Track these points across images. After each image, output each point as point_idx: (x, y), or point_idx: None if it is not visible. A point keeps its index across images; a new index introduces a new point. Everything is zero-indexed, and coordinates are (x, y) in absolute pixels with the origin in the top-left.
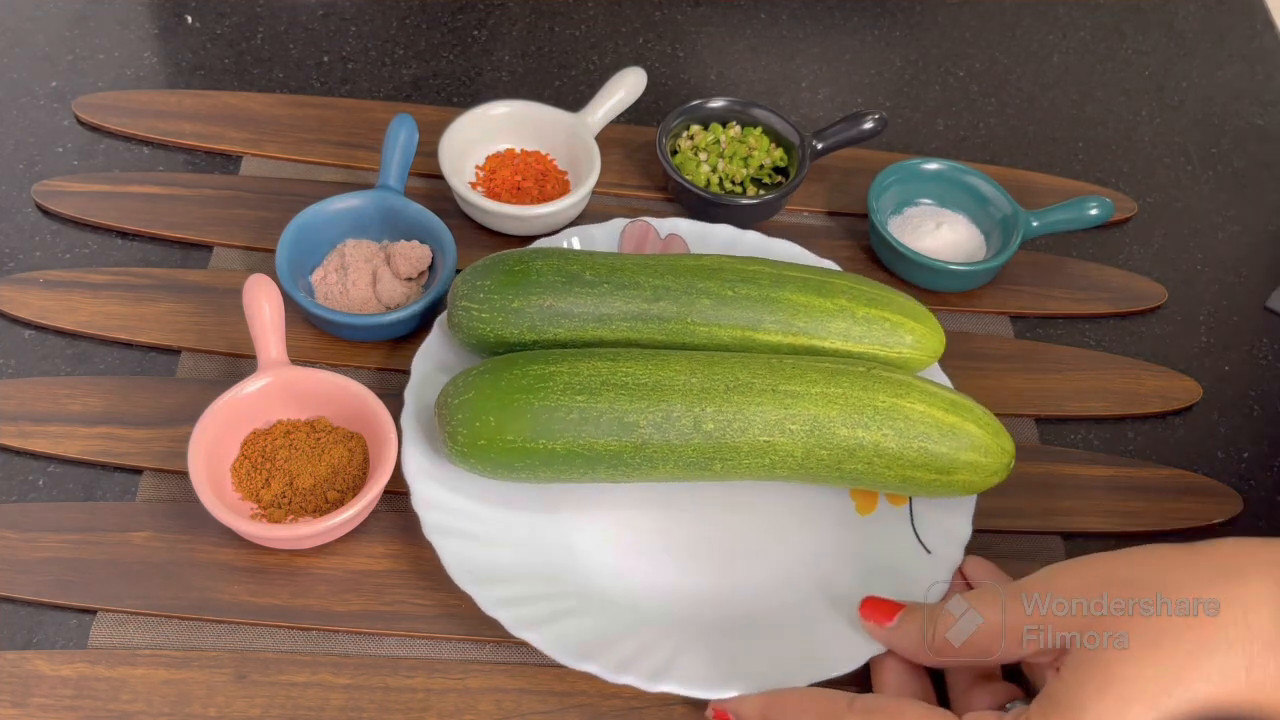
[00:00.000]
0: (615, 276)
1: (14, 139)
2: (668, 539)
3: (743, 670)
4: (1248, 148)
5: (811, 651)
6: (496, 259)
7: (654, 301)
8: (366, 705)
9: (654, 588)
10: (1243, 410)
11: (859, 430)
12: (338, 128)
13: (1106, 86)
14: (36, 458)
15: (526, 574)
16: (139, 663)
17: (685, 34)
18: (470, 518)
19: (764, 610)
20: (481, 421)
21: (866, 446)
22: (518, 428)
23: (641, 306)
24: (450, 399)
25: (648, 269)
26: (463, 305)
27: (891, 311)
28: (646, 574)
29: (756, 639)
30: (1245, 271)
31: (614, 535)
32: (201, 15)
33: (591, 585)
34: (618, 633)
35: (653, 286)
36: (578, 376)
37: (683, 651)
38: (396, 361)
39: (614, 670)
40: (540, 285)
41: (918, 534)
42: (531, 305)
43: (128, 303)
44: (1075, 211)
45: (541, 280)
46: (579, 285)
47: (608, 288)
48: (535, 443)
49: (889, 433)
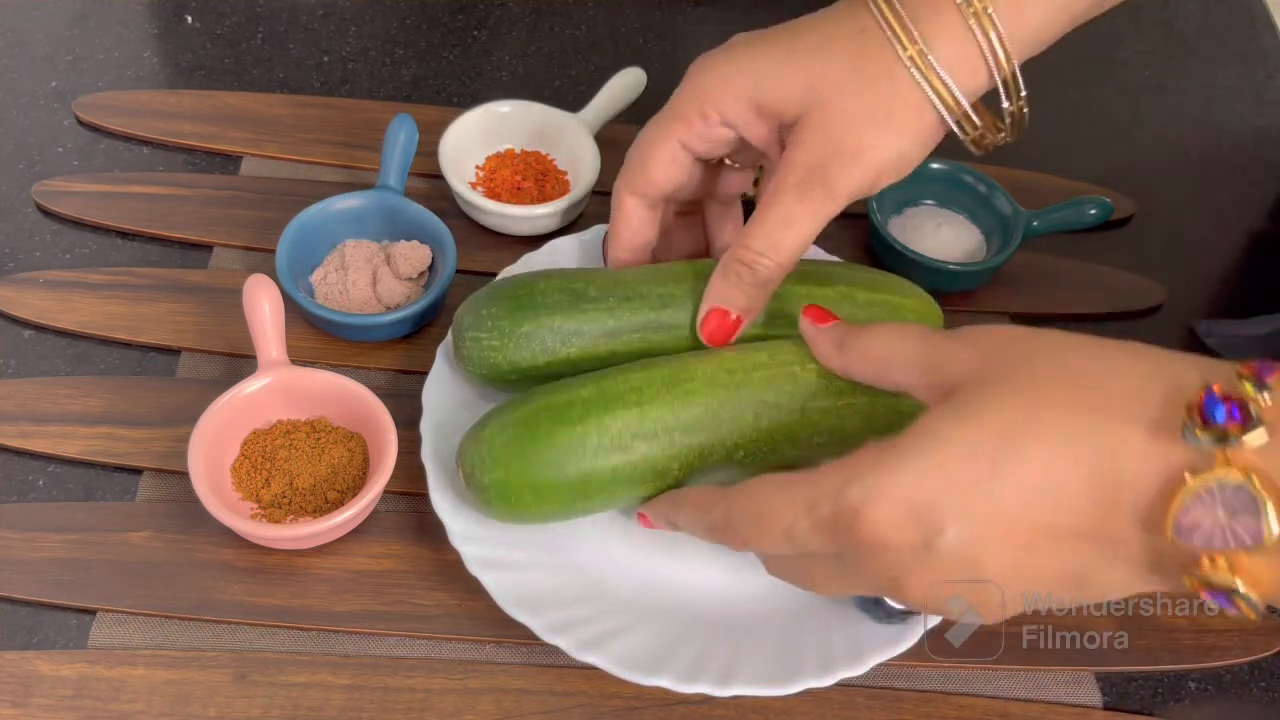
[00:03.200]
0: (619, 289)
1: (14, 139)
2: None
3: (804, 660)
4: (1248, 148)
5: (857, 636)
6: (496, 286)
7: (661, 309)
8: (366, 705)
9: (700, 591)
10: None
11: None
12: (338, 128)
13: (1106, 86)
14: (36, 458)
15: (575, 595)
16: (139, 663)
17: (685, 34)
18: (508, 546)
19: (809, 597)
20: (516, 498)
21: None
22: (554, 497)
23: (649, 316)
24: (478, 474)
25: (650, 278)
26: (471, 336)
27: (890, 293)
28: (690, 578)
29: (807, 627)
30: (1245, 272)
31: (649, 543)
32: (201, 15)
33: (639, 596)
34: (676, 642)
35: (658, 295)
36: (607, 435)
37: (744, 652)
38: (397, 362)
39: (685, 680)
40: (547, 306)
41: None
42: (541, 327)
43: (128, 303)
44: (1075, 211)
45: (548, 301)
46: (585, 302)
47: (613, 301)
48: (572, 506)
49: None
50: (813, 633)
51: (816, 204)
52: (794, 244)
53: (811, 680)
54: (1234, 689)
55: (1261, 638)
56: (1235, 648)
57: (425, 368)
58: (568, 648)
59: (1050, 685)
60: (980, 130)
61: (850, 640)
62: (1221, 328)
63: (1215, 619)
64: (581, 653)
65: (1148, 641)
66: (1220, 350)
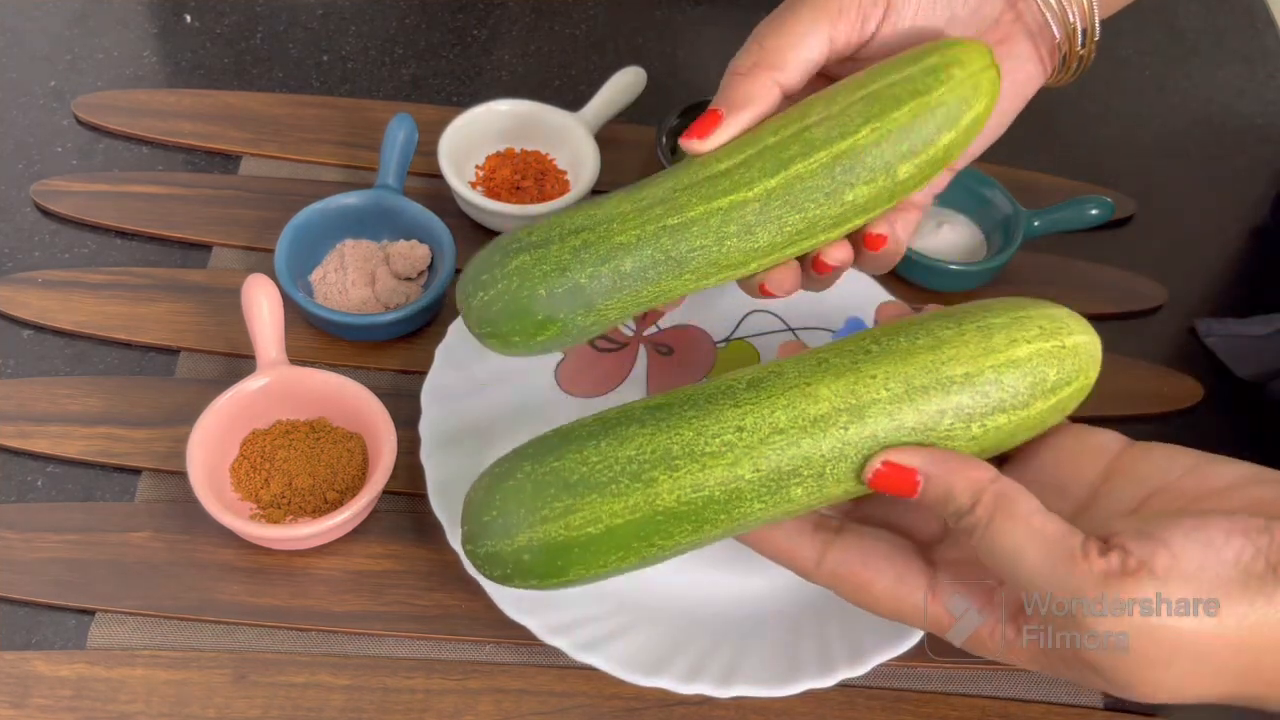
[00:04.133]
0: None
1: (14, 139)
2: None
3: (804, 661)
4: (1248, 148)
5: (857, 636)
6: (493, 246)
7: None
8: (366, 706)
9: (700, 591)
10: (1242, 410)
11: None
12: (337, 127)
13: (1106, 86)
14: (36, 458)
15: (575, 596)
16: (138, 663)
17: (685, 34)
18: None
19: (808, 600)
20: (537, 580)
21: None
22: (569, 580)
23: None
24: (493, 571)
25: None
26: (501, 281)
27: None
28: (691, 577)
29: (807, 628)
30: (1245, 272)
31: None
32: (201, 15)
33: (639, 597)
34: (677, 643)
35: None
36: (618, 520)
37: (744, 652)
38: (397, 362)
39: (684, 681)
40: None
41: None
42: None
43: (127, 303)
44: (1075, 211)
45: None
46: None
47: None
48: (601, 574)
49: (974, 395)
50: (812, 633)
51: None
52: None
53: (812, 681)
54: None
55: None
56: None
57: (425, 368)
58: (568, 649)
59: (1050, 685)
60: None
61: (850, 640)
62: (1222, 327)
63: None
64: (581, 654)
65: None
66: (1220, 350)
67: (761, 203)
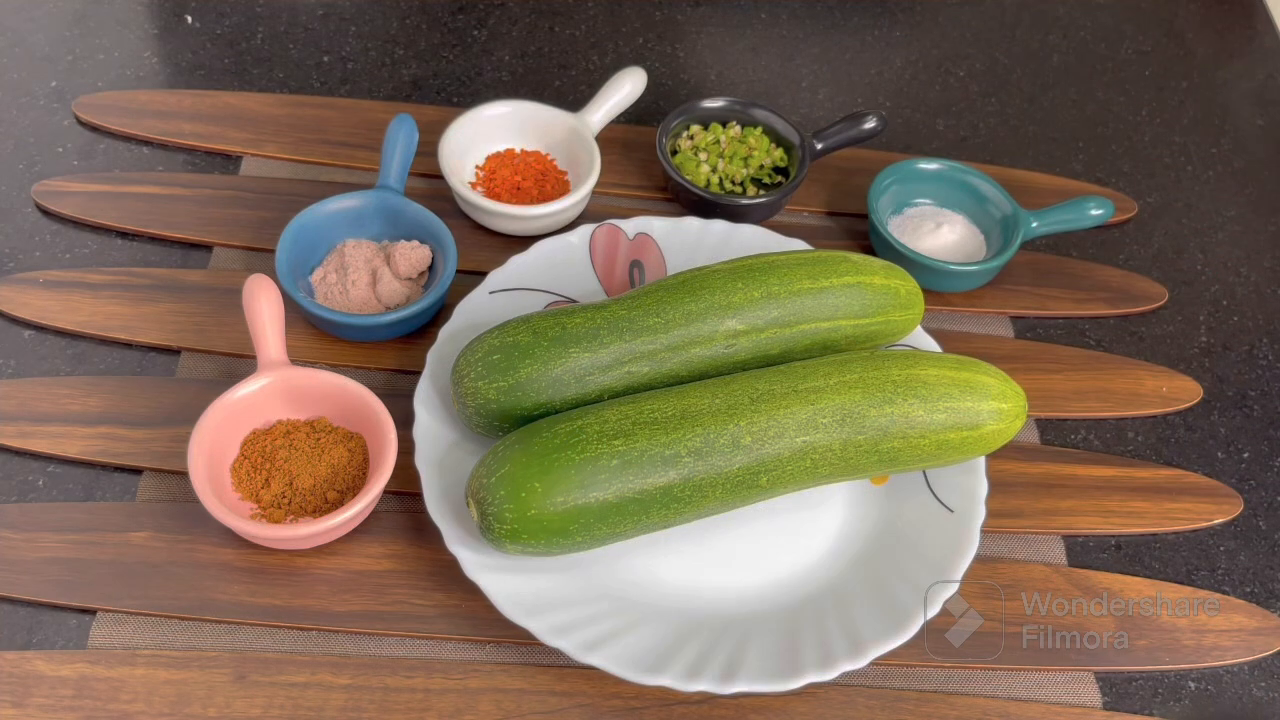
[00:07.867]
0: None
1: (14, 139)
2: (701, 537)
3: (805, 656)
4: (1248, 148)
5: (856, 629)
6: (478, 342)
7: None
8: (366, 705)
9: (700, 590)
10: (1243, 410)
11: (886, 406)
12: (338, 128)
13: (1106, 86)
14: (36, 458)
15: (575, 597)
16: (139, 663)
17: (685, 34)
18: None
19: (806, 595)
20: (527, 491)
21: (897, 420)
22: (565, 487)
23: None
24: (485, 479)
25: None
26: (482, 382)
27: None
28: (688, 576)
29: (806, 623)
30: (1245, 271)
31: (649, 540)
32: (201, 15)
33: (638, 597)
34: (677, 641)
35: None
36: (606, 424)
37: (745, 649)
38: (397, 362)
39: (686, 679)
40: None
41: (936, 496)
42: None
43: (127, 303)
44: (1075, 212)
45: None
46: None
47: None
48: (586, 498)
49: (914, 401)
50: (812, 628)
51: None
52: None
53: (813, 675)
54: (1234, 689)
55: (1262, 638)
56: (1235, 648)
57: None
58: (569, 650)
59: (1050, 685)
60: None
61: (850, 634)
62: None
63: (1216, 619)
64: (583, 654)
65: (1148, 641)
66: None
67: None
